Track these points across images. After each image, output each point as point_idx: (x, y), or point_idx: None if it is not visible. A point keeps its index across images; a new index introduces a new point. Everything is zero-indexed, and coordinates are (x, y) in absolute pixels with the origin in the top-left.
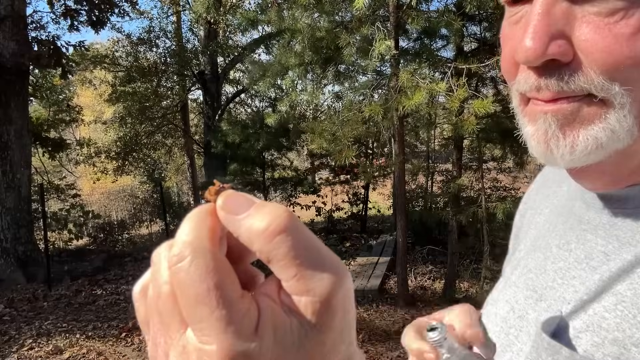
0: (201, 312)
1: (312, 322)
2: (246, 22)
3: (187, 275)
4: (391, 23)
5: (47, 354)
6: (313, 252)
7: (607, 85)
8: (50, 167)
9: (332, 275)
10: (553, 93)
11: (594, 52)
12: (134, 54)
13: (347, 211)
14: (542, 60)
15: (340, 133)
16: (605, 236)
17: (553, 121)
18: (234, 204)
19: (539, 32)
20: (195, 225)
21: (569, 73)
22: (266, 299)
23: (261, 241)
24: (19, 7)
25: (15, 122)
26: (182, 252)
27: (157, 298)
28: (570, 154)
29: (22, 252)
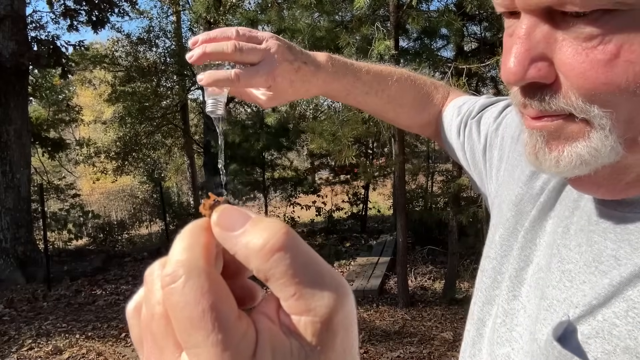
0: (196, 337)
1: (312, 343)
2: (246, 22)
3: (181, 297)
4: (391, 23)
5: (46, 354)
6: (313, 270)
7: (586, 107)
8: (50, 167)
9: (333, 293)
10: (536, 111)
11: (572, 76)
12: (133, 53)
13: (347, 211)
14: (521, 84)
15: (340, 133)
16: (615, 240)
17: (539, 137)
18: (229, 220)
19: (519, 55)
20: (189, 243)
21: (550, 94)
22: (264, 319)
23: (258, 259)
24: (19, 6)
25: (14, 122)
26: (176, 271)
27: (150, 319)
28: (556, 167)
29: (21, 252)
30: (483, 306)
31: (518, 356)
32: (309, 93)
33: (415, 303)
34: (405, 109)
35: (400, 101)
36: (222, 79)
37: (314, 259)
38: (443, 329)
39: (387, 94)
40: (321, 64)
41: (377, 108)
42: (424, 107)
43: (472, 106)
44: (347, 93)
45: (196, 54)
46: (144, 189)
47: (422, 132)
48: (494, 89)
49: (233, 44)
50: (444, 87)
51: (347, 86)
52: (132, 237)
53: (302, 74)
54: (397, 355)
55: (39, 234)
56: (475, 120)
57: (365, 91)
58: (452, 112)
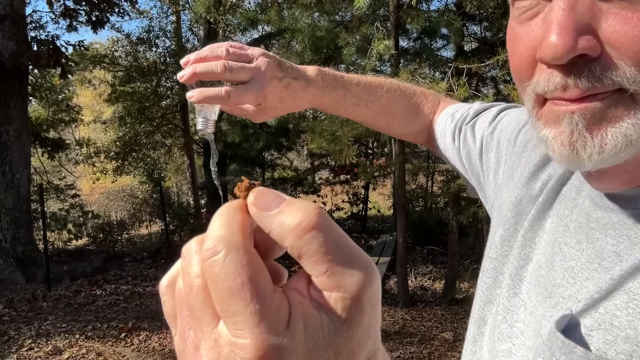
0: (235, 306)
1: (341, 318)
2: (246, 21)
3: (222, 269)
4: (391, 23)
5: (46, 355)
6: (344, 249)
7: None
8: (50, 167)
9: (362, 272)
10: (582, 91)
11: (625, 42)
12: (133, 53)
13: (347, 211)
14: (572, 57)
15: (340, 133)
16: (615, 235)
17: (580, 120)
18: (266, 200)
19: (567, 27)
20: (227, 220)
21: (599, 68)
22: (296, 294)
23: (293, 237)
24: (18, 6)
25: (14, 122)
26: (216, 246)
27: (188, 291)
28: (599, 154)
29: (21, 252)
30: (484, 305)
31: (519, 351)
32: (299, 107)
33: (415, 303)
34: (397, 119)
35: (391, 111)
36: (212, 96)
37: (345, 239)
38: (443, 329)
39: (377, 105)
40: (311, 79)
41: (368, 119)
42: (415, 116)
43: (465, 112)
44: (337, 106)
45: (186, 74)
46: (143, 189)
47: (415, 140)
48: (494, 89)
49: (222, 63)
50: (435, 96)
51: (337, 99)
52: (132, 237)
53: (292, 90)
54: (397, 355)
55: (38, 234)
56: (470, 125)
57: (356, 103)
58: (445, 119)
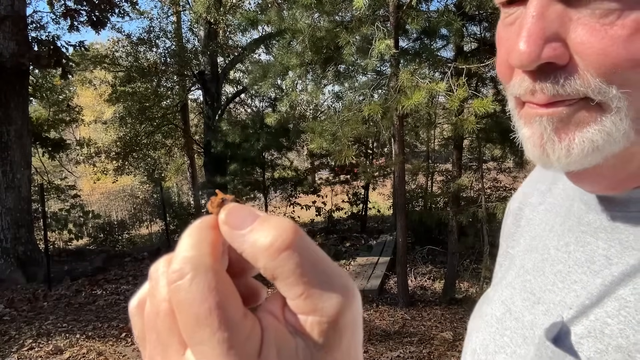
0: (202, 334)
1: (318, 343)
2: (246, 22)
3: (188, 293)
4: (391, 23)
5: (47, 354)
6: (321, 269)
7: (604, 88)
8: (50, 167)
9: (341, 294)
10: (548, 97)
11: (591, 54)
12: (134, 54)
13: (347, 211)
14: (537, 64)
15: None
16: (606, 239)
17: (548, 124)
18: (237, 218)
19: (533, 35)
20: (197, 240)
21: (564, 76)
22: (270, 317)
23: (266, 258)
24: (19, 7)
25: (15, 122)
26: (183, 268)
27: (155, 316)
28: (567, 157)
29: (22, 252)
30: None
31: (512, 359)
32: None
33: (415, 303)
34: None
35: None
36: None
37: (322, 259)
38: (443, 329)
39: None
40: None
41: None
42: None
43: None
44: None
45: None
46: (144, 189)
47: None
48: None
49: None
50: None
51: None
52: (133, 237)
53: None
54: (397, 355)
55: (39, 234)
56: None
57: None
58: None
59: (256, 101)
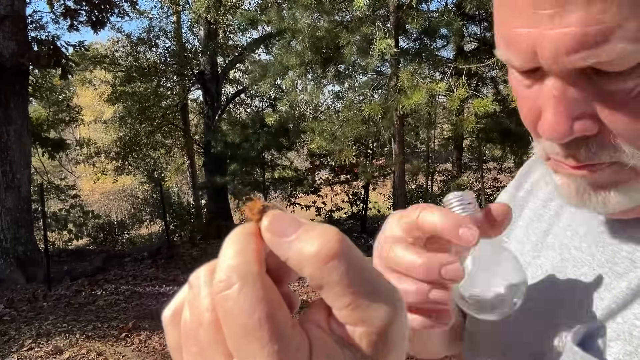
0: (251, 347)
1: (366, 355)
2: (246, 22)
3: (236, 304)
4: (391, 23)
5: (47, 354)
6: (368, 279)
7: (637, 153)
8: (50, 167)
9: (389, 304)
10: (579, 163)
11: (620, 125)
12: (133, 54)
13: (347, 211)
14: (568, 139)
15: (340, 133)
16: (629, 242)
17: (583, 182)
18: (282, 226)
19: (561, 114)
20: (241, 248)
21: (596, 145)
22: (316, 328)
23: (313, 266)
24: (19, 7)
25: (15, 122)
26: (230, 278)
27: (197, 326)
28: (603, 207)
29: (21, 252)
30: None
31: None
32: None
33: None
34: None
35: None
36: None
37: (368, 268)
38: None
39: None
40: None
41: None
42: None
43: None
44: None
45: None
46: (144, 189)
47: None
48: (493, 89)
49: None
50: None
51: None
52: (132, 237)
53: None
54: None
55: (39, 234)
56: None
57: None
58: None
59: (256, 101)
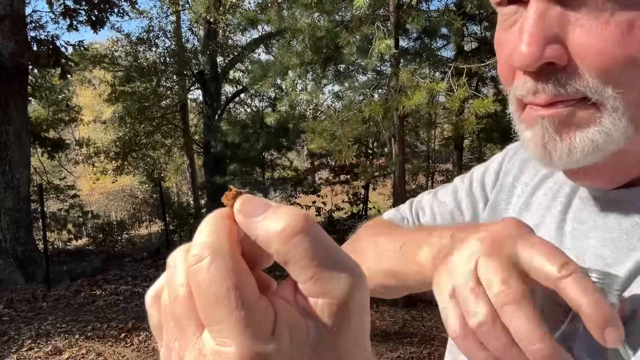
0: (220, 313)
1: (328, 325)
2: (246, 21)
3: (207, 275)
4: (391, 22)
5: (46, 355)
6: (330, 254)
7: (600, 88)
8: (50, 167)
9: (350, 277)
10: (549, 97)
11: (588, 55)
12: (133, 53)
13: (347, 211)
14: (539, 64)
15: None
16: (599, 239)
17: (550, 125)
18: (252, 207)
19: (534, 36)
20: (214, 228)
21: (565, 77)
22: (282, 301)
23: (279, 242)
24: (18, 6)
25: (14, 122)
26: (202, 253)
27: (173, 301)
28: (568, 155)
29: (21, 253)
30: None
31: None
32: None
33: (415, 303)
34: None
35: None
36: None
37: (331, 244)
38: (443, 329)
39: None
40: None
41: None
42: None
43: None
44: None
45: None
46: (143, 189)
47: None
48: (494, 89)
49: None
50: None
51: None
52: (132, 237)
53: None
54: (397, 355)
55: (38, 234)
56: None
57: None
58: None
59: (256, 101)
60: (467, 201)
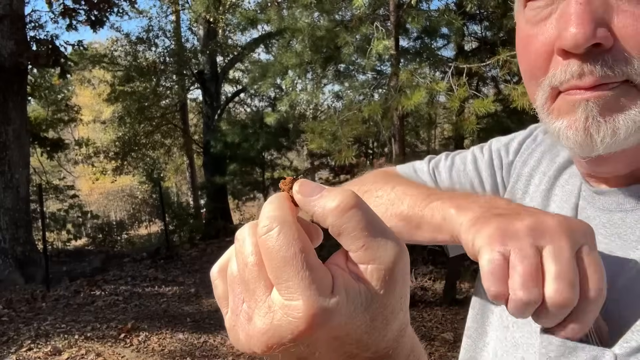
0: (288, 273)
1: (376, 288)
2: (245, 21)
3: (276, 241)
4: (391, 22)
5: (45, 355)
6: (378, 226)
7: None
8: (49, 167)
9: (396, 246)
10: (596, 78)
11: (634, 37)
12: (132, 53)
13: None
14: (590, 44)
15: (340, 133)
16: (606, 234)
17: (594, 107)
18: (309, 188)
19: (585, 18)
20: (279, 204)
21: (611, 58)
22: (336, 267)
23: (334, 216)
24: (17, 6)
25: (13, 121)
26: (271, 223)
27: (243, 268)
28: (612, 137)
29: (20, 253)
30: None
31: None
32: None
33: (415, 303)
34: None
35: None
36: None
37: (378, 219)
38: (443, 330)
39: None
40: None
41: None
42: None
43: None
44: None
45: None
46: (143, 189)
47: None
48: (494, 89)
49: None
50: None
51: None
52: (132, 237)
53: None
54: None
55: (37, 234)
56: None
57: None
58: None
59: (256, 101)
60: (487, 173)
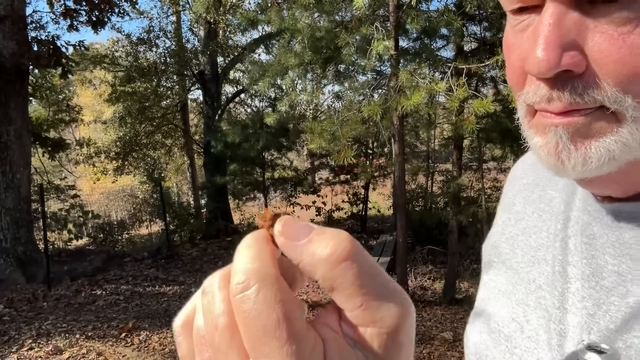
0: (269, 347)
1: (378, 355)
2: (246, 21)
3: (254, 305)
4: (391, 23)
5: (46, 354)
6: (378, 281)
7: (620, 97)
8: (50, 167)
9: (399, 305)
10: (565, 105)
11: (608, 63)
12: (133, 53)
13: (347, 211)
14: (555, 72)
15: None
16: (616, 255)
17: (564, 133)
18: (294, 230)
19: (552, 43)
20: (257, 252)
21: (582, 85)
22: (328, 330)
23: (325, 268)
24: (19, 6)
25: (15, 122)
26: (247, 280)
27: (212, 331)
28: (583, 165)
29: (21, 252)
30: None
31: None
32: None
33: (415, 303)
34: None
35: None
36: None
37: (378, 270)
38: (443, 329)
39: None
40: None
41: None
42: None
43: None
44: None
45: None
46: (144, 189)
47: None
48: (493, 89)
49: None
50: None
51: None
52: (132, 237)
53: None
54: None
55: (39, 234)
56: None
57: None
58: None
59: (256, 101)
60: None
